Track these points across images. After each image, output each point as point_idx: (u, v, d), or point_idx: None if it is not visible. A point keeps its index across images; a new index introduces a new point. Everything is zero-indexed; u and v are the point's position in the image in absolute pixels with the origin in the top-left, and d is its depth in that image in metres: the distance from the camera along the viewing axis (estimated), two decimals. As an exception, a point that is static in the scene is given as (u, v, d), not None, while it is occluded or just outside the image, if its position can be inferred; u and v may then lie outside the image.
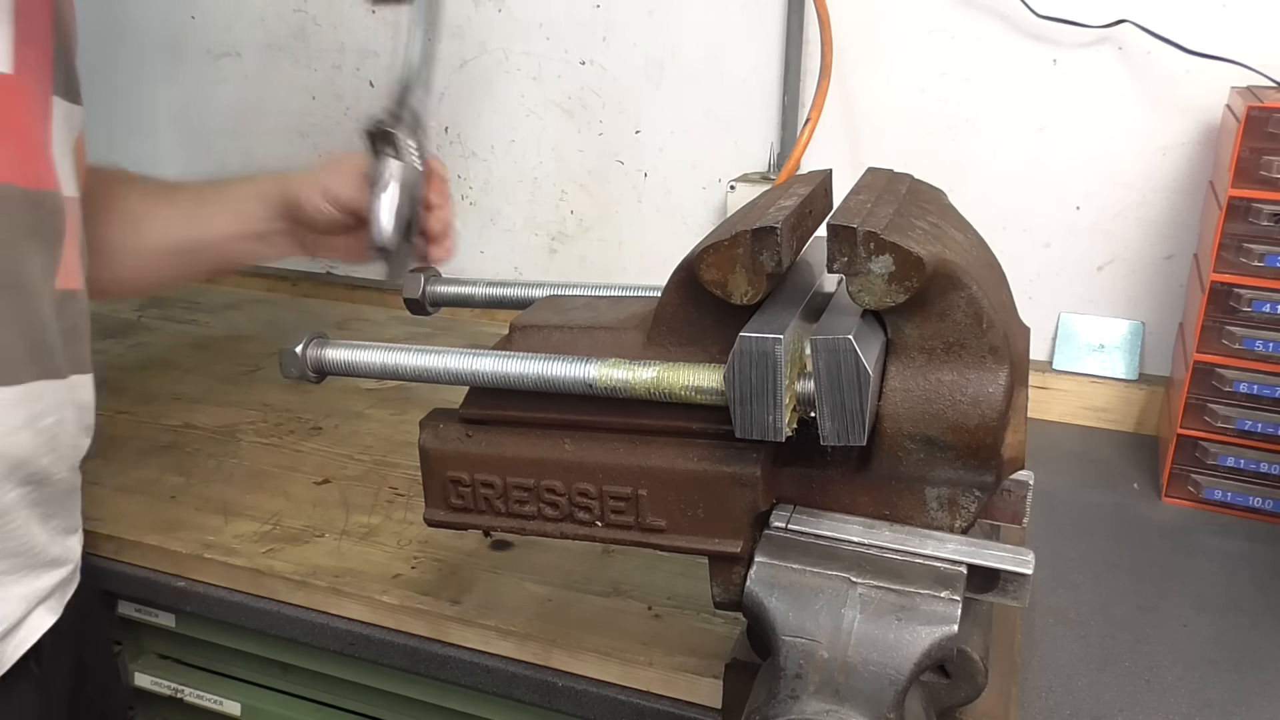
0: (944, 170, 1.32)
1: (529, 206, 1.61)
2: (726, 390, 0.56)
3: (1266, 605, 0.94)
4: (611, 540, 0.66)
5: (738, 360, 0.55)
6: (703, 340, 0.62)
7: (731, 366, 0.56)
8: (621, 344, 0.65)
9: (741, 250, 0.58)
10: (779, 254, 0.57)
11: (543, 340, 0.68)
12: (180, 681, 1.05)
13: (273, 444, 1.19)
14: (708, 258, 0.59)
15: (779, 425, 0.56)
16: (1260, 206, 1.02)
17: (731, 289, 0.59)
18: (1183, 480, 1.12)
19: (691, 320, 0.63)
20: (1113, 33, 1.22)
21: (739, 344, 0.55)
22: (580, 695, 0.83)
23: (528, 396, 0.64)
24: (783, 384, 0.55)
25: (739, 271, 0.58)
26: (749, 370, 0.55)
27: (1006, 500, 0.72)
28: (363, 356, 0.67)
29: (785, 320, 0.57)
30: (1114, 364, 1.31)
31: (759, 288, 0.58)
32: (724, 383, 0.57)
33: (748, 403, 0.56)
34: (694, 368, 0.59)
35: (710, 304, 0.60)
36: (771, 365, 0.55)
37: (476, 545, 0.97)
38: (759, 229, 0.57)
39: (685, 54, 1.44)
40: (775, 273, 0.58)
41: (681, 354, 0.63)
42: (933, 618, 0.57)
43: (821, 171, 0.71)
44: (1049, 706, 0.81)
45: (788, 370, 0.56)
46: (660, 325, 0.64)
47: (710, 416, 0.60)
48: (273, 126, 1.75)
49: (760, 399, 0.56)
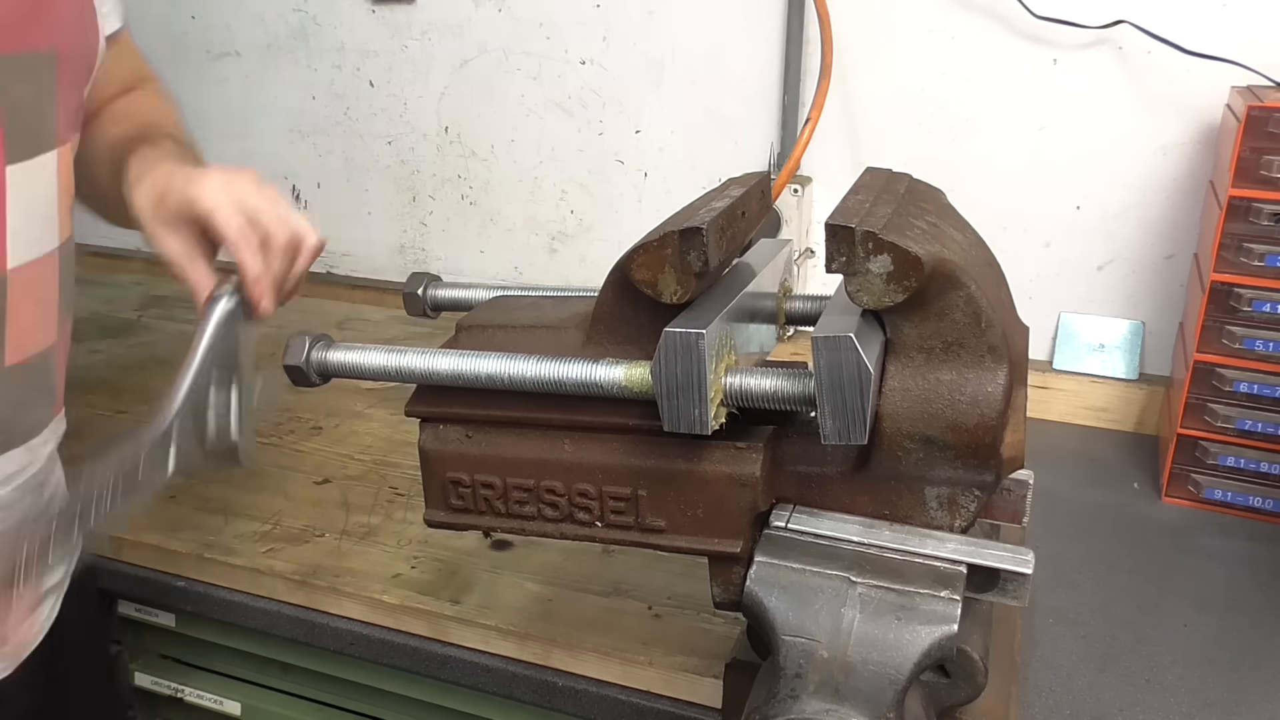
0: (944, 170, 1.32)
1: (529, 206, 1.61)
2: (654, 385, 0.58)
3: (1267, 605, 0.94)
4: (611, 540, 0.66)
5: (663, 355, 0.57)
6: (639, 338, 0.63)
7: (658, 361, 0.57)
8: (562, 343, 0.67)
9: (670, 251, 0.60)
10: (705, 254, 0.59)
11: (487, 339, 0.69)
12: (180, 681, 1.05)
13: (273, 444, 1.19)
14: (638, 258, 0.61)
15: (705, 419, 0.58)
16: (1260, 206, 1.02)
17: (662, 288, 0.61)
18: (1183, 480, 1.12)
19: (628, 319, 0.64)
20: (1112, 33, 1.22)
21: (664, 339, 0.57)
22: (580, 695, 0.83)
23: (471, 393, 0.66)
24: (707, 378, 0.57)
25: (668, 271, 0.60)
26: (674, 365, 0.57)
27: (1006, 500, 0.72)
28: (366, 359, 0.67)
29: (711, 316, 0.59)
30: (1114, 364, 1.31)
31: (688, 287, 0.60)
32: (651, 377, 0.58)
33: (674, 396, 0.58)
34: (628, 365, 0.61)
35: (644, 303, 0.62)
36: (696, 360, 0.56)
37: (476, 545, 0.97)
38: (686, 230, 0.59)
39: (685, 54, 1.44)
40: (703, 272, 0.59)
41: (618, 351, 0.64)
42: (932, 617, 0.57)
43: (758, 173, 0.72)
44: (1049, 706, 0.81)
45: (713, 365, 0.57)
46: (598, 324, 0.66)
47: (645, 412, 0.61)
48: (273, 126, 1.75)
49: (686, 393, 0.57)
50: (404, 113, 1.64)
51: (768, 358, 0.73)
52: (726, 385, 0.59)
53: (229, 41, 1.73)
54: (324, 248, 0.81)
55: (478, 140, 1.61)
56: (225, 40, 1.73)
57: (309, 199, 1.76)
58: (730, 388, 0.59)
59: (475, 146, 1.61)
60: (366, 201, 1.72)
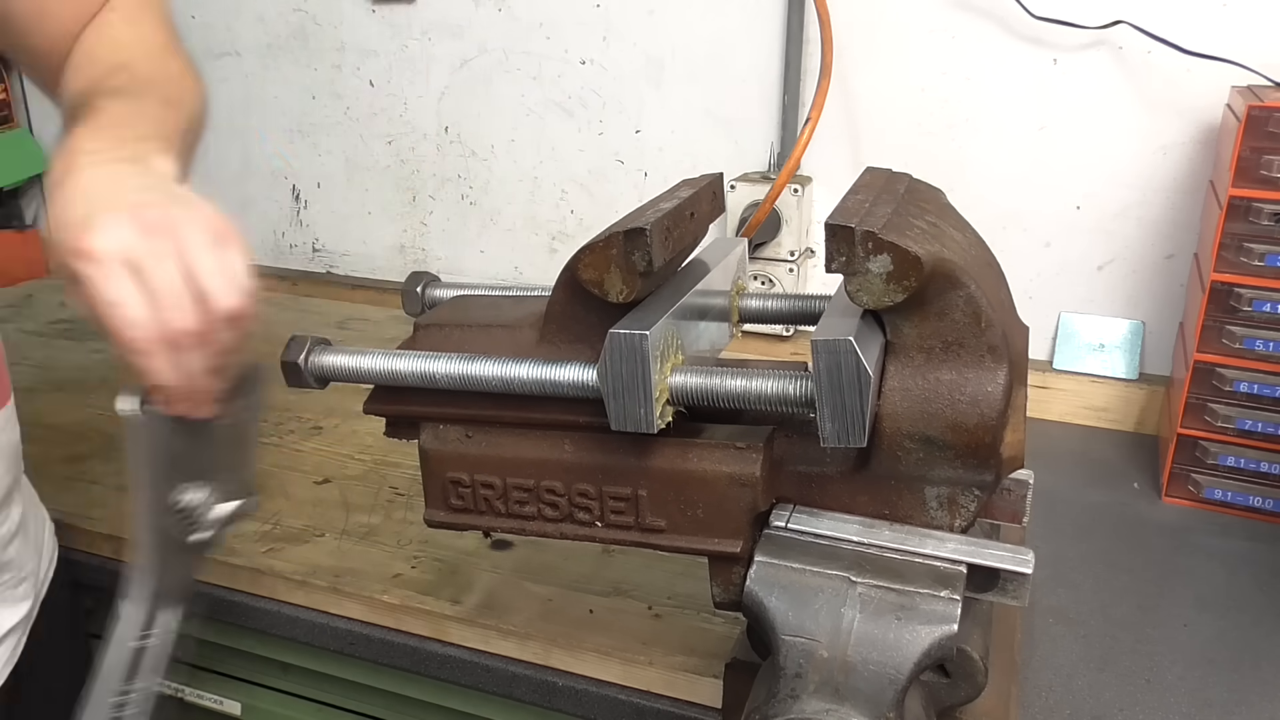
0: (944, 170, 1.32)
1: (529, 206, 1.61)
2: (600, 384, 0.59)
3: (1267, 605, 0.94)
4: (611, 540, 0.66)
5: (609, 355, 0.58)
6: (590, 338, 0.64)
7: (604, 361, 0.58)
8: (517, 342, 0.67)
9: (615, 251, 0.60)
10: (650, 254, 0.59)
11: (444, 338, 0.70)
12: (180, 681, 1.05)
13: (273, 444, 1.19)
14: (585, 258, 0.61)
15: (650, 418, 0.59)
16: (1261, 206, 1.02)
17: (608, 288, 0.61)
18: (1183, 480, 1.12)
19: (579, 318, 0.65)
20: (1111, 33, 1.22)
21: (609, 340, 0.58)
22: (580, 695, 0.83)
23: (424, 393, 0.66)
24: (652, 378, 0.58)
25: (614, 271, 0.61)
26: (620, 365, 0.58)
27: (1006, 499, 0.72)
28: (364, 363, 0.67)
29: (656, 317, 0.59)
30: (1114, 363, 1.31)
31: (633, 286, 0.61)
32: (598, 377, 0.59)
33: (620, 396, 0.59)
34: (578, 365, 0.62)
35: (594, 303, 0.63)
36: (640, 360, 0.57)
37: (476, 545, 0.97)
38: (629, 230, 0.59)
39: (685, 54, 1.44)
40: (648, 272, 0.60)
41: (570, 351, 0.65)
42: (932, 617, 0.57)
43: (712, 175, 0.73)
44: (1049, 706, 0.81)
45: (658, 365, 0.58)
46: (551, 323, 0.66)
47: (595, 410, 0.61)
48: (273, 126, 1.75)
49: (631, 392, 0.58)
50: (404, 113, 1.64)
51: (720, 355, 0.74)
52: (672, 385, 0.60)
53: (229, 41, 1.73)
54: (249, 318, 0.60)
55: (478, 140, 1.61)
56: (225, 40, 1.73)
57: (309, 199, 1.76)
58: (676, 387, 0.60)
59: (475, 146, 1.61)
60: (366, 201, 1.72)
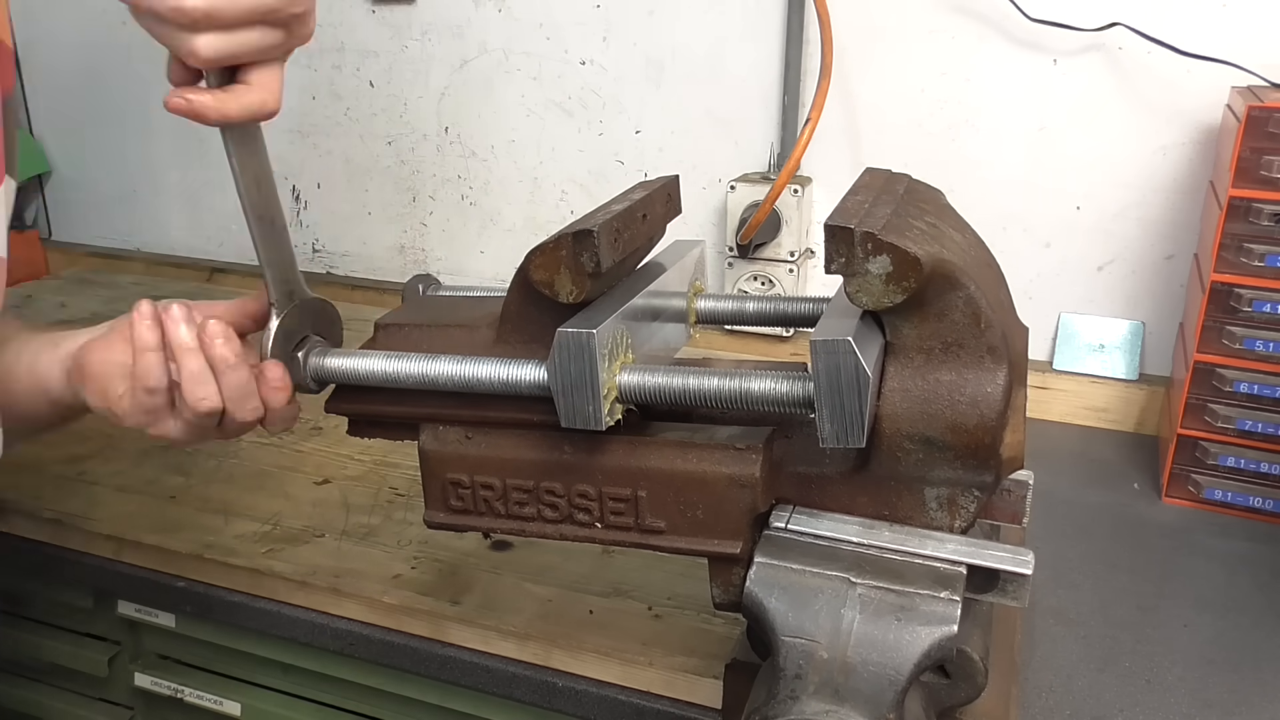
0: (944, 170, 1.32)
1: (529, 206, 1.61)
2: (550, 382, 0.60)
3: (1267, 605, 0.94)
4: (611, 541, 0.66)
5: (557, 354, 0.59)
6: (544, 337, 0.64)
7: (553, 360, 0.59)
8: (474, 341, 0.68)
9: (565, 252, 0.61)
10: (598, 256, 0.60)
11: (403, 338, 0.70)
12: (180, 681, 1.05)
13: (273, 444, 1.19)
14: (535, 259, 0.63)
15: (599, 415, 0.60)
16: (1260, 206, 1.02)
17: (558, 289, 0.62)
18: (1183, 480, 1.12)
19: (533, 319, 0.66)
20: (1109, 34, 1.22)
21: (557, 338, 0.59)
22: (580, 695, 0.83)
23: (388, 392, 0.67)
24: (600, 376, 0.59)
25: (564, 272, 0.62)
26: (568, 363, 0.59)
27: (1006, 500, 0.72)
28: (364, 365, 0.67)
29: (605, 316, 0.60)
30: (1114, 364, 1.31)
31: (583, 287, 0.62)
32: (547, 375, 0.60)
33: (569, 394, 0.60)
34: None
35: (547, 303, 0.64)
36: (588, 358, 0.58)
37: (476, 545, 0.97)
38: (578, 232, 0.60)
39: (685, 54, 1.44)
40: (596, 273, 0.61)
41: (525, 350, 0.66)
42: (932, 618, 0.57)
43: (667, 177, 0.74)
44: (1049, 706, 0.81)
45: (606, 363, 0.59)
46: (506, 324, 0.67)
47: (550, 409, 0.62)
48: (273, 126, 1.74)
49: (580, 390, 0.59)
50: (404, 113, 1.64)
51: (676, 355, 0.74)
52: (621, 383, 0.61)
53: (229, 42, 1.73)
54: None
55: (478, 140, 1.61)
56: (225, 40, 1.73)
57: (309, 199, 1.76)
58: (625, 385, 0.61)
59: (475, 147, 1.61)
60: (366, 202, 1.72)
